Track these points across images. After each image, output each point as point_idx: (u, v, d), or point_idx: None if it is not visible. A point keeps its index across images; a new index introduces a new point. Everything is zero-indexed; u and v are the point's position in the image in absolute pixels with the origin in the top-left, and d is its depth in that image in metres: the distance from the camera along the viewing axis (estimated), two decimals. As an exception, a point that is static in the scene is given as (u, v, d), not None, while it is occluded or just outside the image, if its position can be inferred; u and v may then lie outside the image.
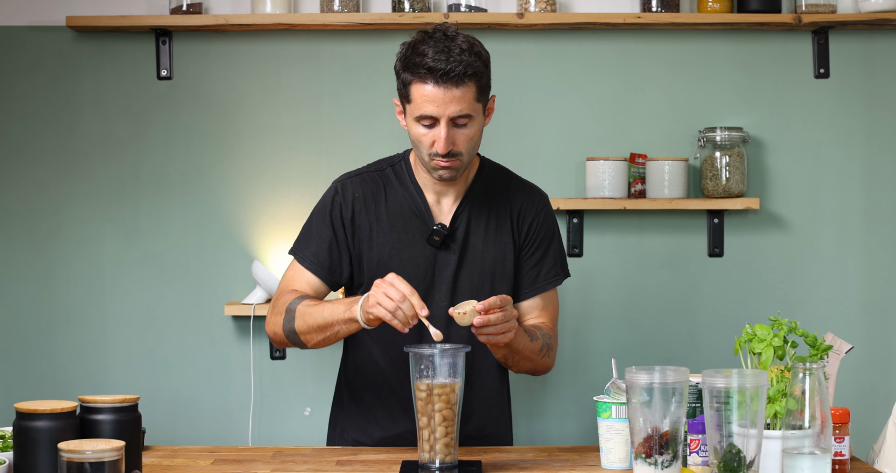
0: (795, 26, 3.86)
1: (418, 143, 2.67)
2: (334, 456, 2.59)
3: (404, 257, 2.75)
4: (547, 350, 2.80)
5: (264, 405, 3.93)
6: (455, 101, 2.59)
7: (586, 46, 3.94)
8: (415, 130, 2.66)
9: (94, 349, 3.92)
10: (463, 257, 2.77)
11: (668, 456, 2.19)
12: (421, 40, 2.63)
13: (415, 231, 2.76)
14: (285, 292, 2.79)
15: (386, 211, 2.78)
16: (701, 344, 3.97)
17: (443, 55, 2.58)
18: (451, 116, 2.60)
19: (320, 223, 2.81)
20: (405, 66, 2.63)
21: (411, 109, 2.64)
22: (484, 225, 2.80)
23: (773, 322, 2.30)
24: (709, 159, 3.84)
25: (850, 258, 3.96)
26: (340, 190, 2.81)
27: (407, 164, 2.83)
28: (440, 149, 2.62)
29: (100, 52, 3.91)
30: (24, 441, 2.18)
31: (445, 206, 2.80)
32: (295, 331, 2.70)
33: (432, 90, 2.59)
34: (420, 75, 2.59)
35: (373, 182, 2.82)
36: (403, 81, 2.64)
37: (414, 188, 2.79)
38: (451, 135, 2.62)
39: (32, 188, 3.92)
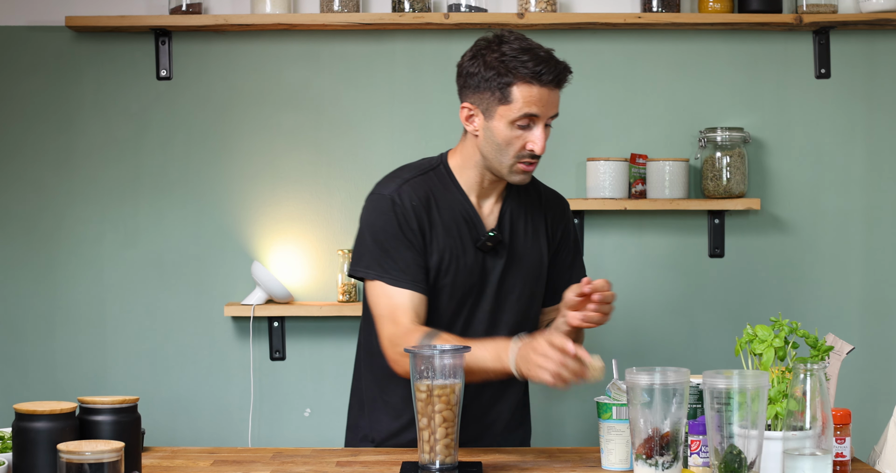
0: (796, 26, 3.86)
1: (507, 145, 2.66)
2: (334, 457, 2.59)
3: (460, 264, 2.73)
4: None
5: (264, 405, 3.93)
6: (555, 102, 2.67)
7: (587, 47, 3.94)
8: (507, 132, 2.65)
9: (94, 350, 3.92)
10: (509, 260, 2.78)
11: (669, 457, 2.18)
12: (502, 43, 2.65)
13: (466, 237, 2.74)
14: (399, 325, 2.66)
15: (439, 217, 2.73)
16: (701, 345, 3.96)
17: (540, 58, 2.63)
18: (549, 117, 2.67)
19: (392, 239, 2.69)
20: (506, 68, 2.62)
21: (508, 110, 2.63)
22: (522, 228, 2.82)
23: (774, 323, 2.30)
24: (709, 160, 3.84)
25: (851, 259, 3.96)
26: (399, 200, 2.71)
27: (447, 167, 2.79)
28: (538, 149, 2.65)
29: (99, 53, 3.90)
30: (23, 441, 2.17)
31: (487, 209, 2.79)
32: None
33: (539, 92, 2.63)
34: (526, 78, 2.62)
35: (421, 188, 2.74)
36: (501, 84, 2.62)
37: (460, 194, 2.76)
38: (545, 135, 2.67)
39: (31, 188, 3.91)
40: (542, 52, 2.65)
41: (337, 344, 3.92)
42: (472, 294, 2.74)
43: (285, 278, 3.89)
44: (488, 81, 2.64)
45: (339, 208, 3.93)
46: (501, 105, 2.64)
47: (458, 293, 2.74)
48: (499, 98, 2.64)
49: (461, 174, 2.77)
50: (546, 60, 2.63)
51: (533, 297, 2.82)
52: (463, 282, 2.72)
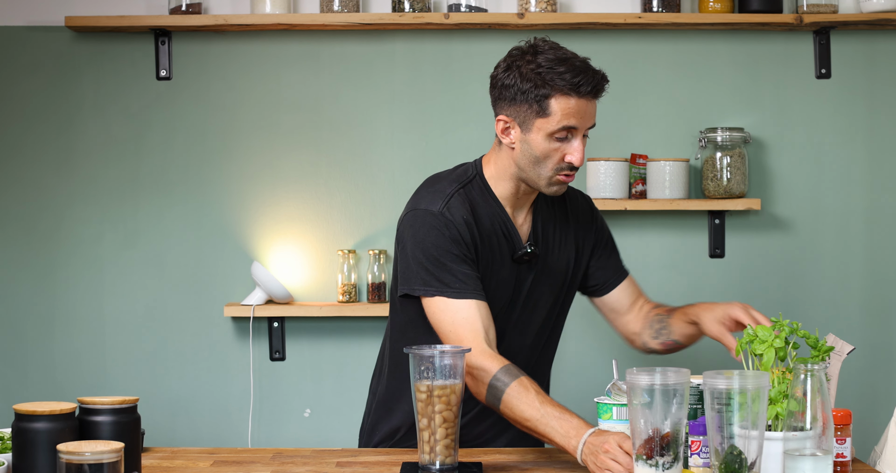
0: (797, 26, 3.85)
1: (546, 158, 2.62)
2: (334, 458, 2.59)
3: (499, 278, 2.71)
4: None
5: (264, 406, 3.92)
6: (593, 113, 2.62)
7: (587, 47, 3.92)
8: (545, 144, 2.61)
9: (93, 351, 3.92)
10: (540, 270, 2.76)
11: (669, 458, 2.18)
12: (537, 53, 2.61)
13: (504, 250, 2.72)
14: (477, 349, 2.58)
15: (480, 231, 2.69)
16: (702, 345, 3.95)
17: (576, 69, 2.58)
18: (587, 128, 2.63)
19: (447, 254, 2.63)
20: (539, 82, 2.58)
21: (547, 122, 2.59)
22: (551, 235, 2.79)
23: (775, 323, 2.29)
24: (710, 160, 3.84)
25: (852, 259, 3.95)
26: (450, 216, 2.65)
27: (483, 179, 2.74)
28: (577, 161, 2.61)
29: (99, 53, 3.90)
30: (22, 442, 2.17)
31: (520, 220, 2.76)
32: (499, 409, 2.56)
33: (577, 103, 2.58)
34: (564, 90, 2.56)
35: (465, 202, 2.69)
36: (538, 96, 2.58)
37: (497, 206, 2.73)
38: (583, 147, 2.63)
39: (31, 189, 3.91)
40: (577, 61, 2.60)
41: (337, 345, 3.92)
42: (505, 307, 2.72)
43: (285, 279, 3.89)
44: (525, 94, 2.59)
45: (339, 209, 3.93)
46: (539, 118, 2.59)
47: (496, 306, 2.70)
48: (536, 111, 2.59)
49: (496, 185, 2.73)
50: (584, 70, 2.58)
51: (556, 304, 2.82)
52: (499, 296, 2.70)
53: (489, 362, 2.54)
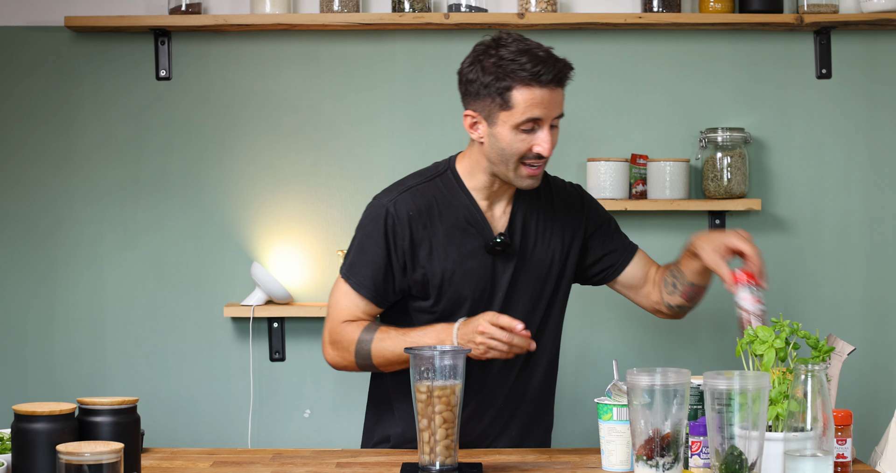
0: (797, 26, 3.85)
1: (512, 150, 2.63)
2: (334, 458, 2.59)
3: (466, 268, 2.72)
4: None
5: (264, 406, 3.92)
6: (557, 102, 2.62)
7: (587, 47, 3.93)
8: (511, 137, 2.62)
9: (93, 351, 3.91)
10: (520, 262, 2.76)
11: (670, 459, 2.18)
12: (499, 47, 2.61)
13: (473, 241, 2.73)
14: (340, 322, 2.74)
15: (442, 225, 2.72)
16: (702, 345, 3.96)
17: (539, 59, 2.59)
18: (553, 118, 2.62)
19: (373, 246, 2.72)
20: (504, 73, 2.58)
21: (510, 115, 2.60)
22: (534, 227, 2.80)
23: (775, 324, 2.29)
24: (710, 160, 3.83)
25: (853, 260, 3.95)
26: (393, 210, 2.71)
27: (455, 173, 2.77)
28: (545, 151, 2.61)
29: (98, 53, 3.90)
30: (22, 443, 2.17)
31: (498, 212, 2.78)
32: (374, 366, 2.70)
33: (541, 93, 2.58)
34: (524, 81, 2.57)
35: (423, 196, 2.73)
36: (500, 88, 2.59)
37: (468, 198, 2.75)
38: (551, 137, 2.63)
39: (31, 189, 3.91)
40: (541, 51, 2.60)
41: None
42: (482, 299, 2.74)
43: (285, 279, 3.89)
44: (487, 87, 2.60)
45: (339, 209, 3.92)
46: (503, 111, 2.60)
47: (469, 297, 2.73)
48: (500, 104, 2.60)
49: (469, 179, 2.75)
50: (544, 59, 2.59)
51: (541, 296, 2.81)
52: (472, 287, 2.72)
53: (348, 330, 2.70)
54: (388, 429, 2.85)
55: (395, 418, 2.83)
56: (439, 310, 2.74)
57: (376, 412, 2.90)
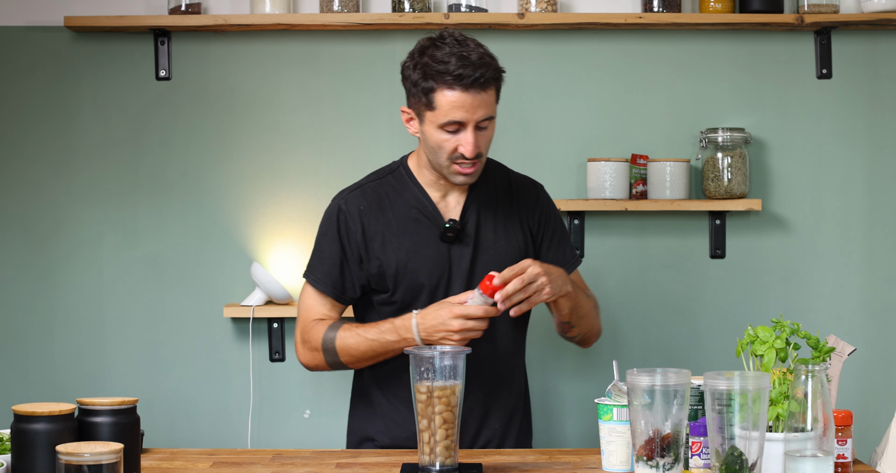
0: (798, 26, 3.85)
1: (439, 149, 2.69)
2: (334, 459, 2.58)
3: (421, 257, 2.78)
4: (597, 311, 2.92)
5: (263, 407, 3.92)
6: (482, 105, 2.65)
7: (587, 47, 3.93)
8: (437, 136, 2.68)
9: (93, 351, 3.91)
10: (476, 249, 2.81)
11: (670, 459, 2.18)
12: (433, 47, 2.67)
13: (426, 231, 2.79)
14: (309, 322, 2.83)
15: (394, 217, 2.80)
16: (703, 346, 3.95)
17: (466, 61, 2.62)
18: (478, 121, 2.65)
19: (329, 244, 2.83)
20: (426, 74, 2.65)
21: (434, 115, 2.66)
22: (492, 216, 2.84)
23: (776, 324, 2.29)
24: (710, 160, 3.83)
25: (853, 260, 3.95)
26: (344, 207, 2.83)
27: (406, 168, 2.86)
28: (469, 153, 2.66)
29: (98, 53, 3.90)
30: (21, 443, 2.17)
31: (452, 202, 2.83)
32: (341, 363, 2.79)
33: (461, 96, 2.63)
34: (447, 82, 2.62)
35: (374, 192, 2.84)
36: (425, 89, 2.65)
37: (418, 190, 2.82)
38: (476, 139, 2.67)
39: (30, 189, 3.91)
40: (473, 55, 2.64)
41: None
42: (440, 286, 2.79)
43: (285, 280, 3.88)
44: (416, 86, 2.68)
45: (339, 209, 3.92)
46: (428, 111, 2.67)
47: (426, 285, 2.79)
48: (425, 104, 2.67)
49: (421, 174, 2.83)
50: (471, 63, 2.62)
51: None
52: (428, 273, 2.78)
53: (315, 328, 2.79)
54: (370, 428, 2.89)
55: (376, 414, 2.87)
56: (398, 299, 2.80)
57: (356, 410, 2.95)
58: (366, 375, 2.90)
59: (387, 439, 2.85)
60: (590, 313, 2.88)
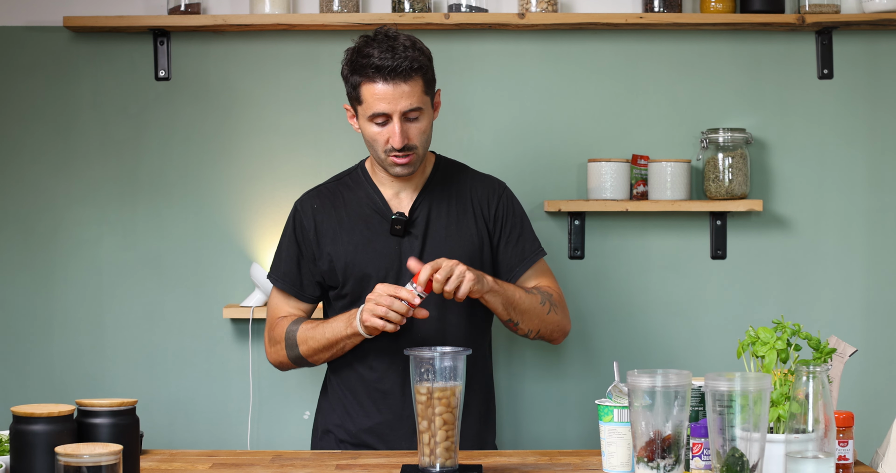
0: (799, 27, 3.84)
1: (373, 142, 2.80)
2: (334, 460, 2.58)
3: (370, 250, 2.87)
4: (550, 305, 2.91)
5: (263, 408, 3.91)
6: (405, 96, 2.73)
7: (588, 47, 3.92)
8: (369, 129, 2.79)
9: (92, 352, 3.91)
10: (425, 242, 2.88)
11: (671, 460, 2.17)
12: (364, 44, 2.76)
13: (377, 226, 2.88)
14: (275, 319, 2.95)
15: (346, 213, 2.91)
16: (703, 347, 3.95)
17: (388, 53, 2.71)
18: (403, 111, 2.73)
19: (287, 243, 2.96)
20: (353, 69, 2.75)
21: (363, 109, 2.76)
22: (445, 212, 2.91)
23: (777, 325, 2.29)
24: (711, 161, 3.83)
25: (854, 261, 3.94)
26: (300, 207, 2.96)
27: (363, 169, 2.98)
28: (396, 144, 2.75)
29: (97, 53, 3.89)
30: (20, 444, 2.17)
31: (405, 199, 2.91)
32: (301, 357, 2.87)
33: (382, 88, 2.72)
34: (369, 75, 2.72)
35: (330, 192, 2.97)
36: (353, 83, 2.76)
37: (371, 188, 2.92)
38: (404, 129, 2.75)
39: (29, 189, 3.90)
40: (397, 47, 2.71)
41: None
42: (388, 278, 2.86)
43: (285, 280, 3.88)
44: (347, 82, 2.79)
45: (339, 210, 3.91)
46: (359, 105, 2.77)
47: (374, 276, 2.86)
48: (355, 98, 2.77)
49: (374, 172, 2.94)
50: (389, 56, 2.70)
51: None
52: (377, 265, 2.86)
53: (279, 324, 2.90)
54: (329, 421, 2.97)
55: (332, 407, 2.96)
56: (348, 292, 2.89)
57: (320, 404, 3.05)
58: (327, 367, 3.01)
59: (342, 432, 2.92)
60: (533, 308, 2.88)
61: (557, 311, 2.94)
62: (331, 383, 2.98)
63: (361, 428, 2.88)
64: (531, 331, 2.92)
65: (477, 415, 2.94)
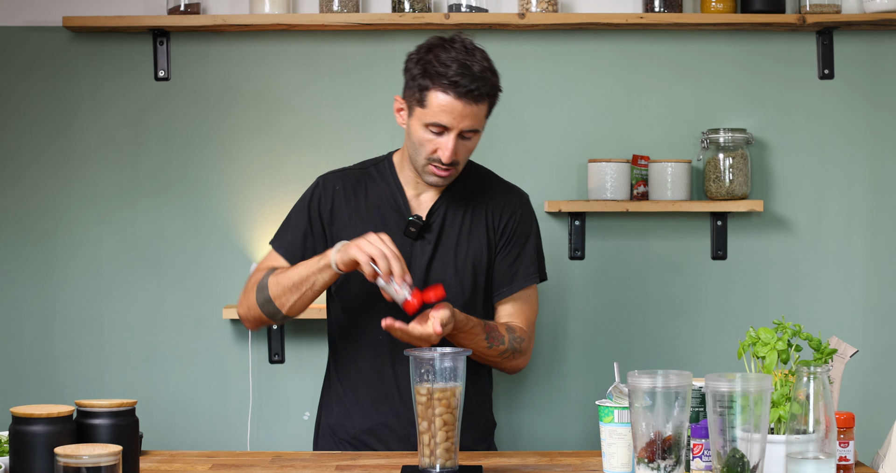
0: (799, 27, 3.84)
1: (419, 146, 2.73)
2: (334, 461, 2.58)
3: None
4: (512, 354, 2.84)
5: (263, 409, 3.91)
6: (471, 116, 2.68)
7: (588, 47, 3.92)
8: (420, 133, 2.72)
9: (91, 353, 3.90)
10: (437, 249, 2.84)
11: (671, 461, 2.17)
12: (441, 47, 2.70)
13: (392, 223, 2.83)
14: (257, 272, 2.88)
15: (365, 203, 2.86)
16: (704, 348, 3.94)
17: (467, 70, 2.66)
18: (463, 129, 2.69)
19: (298, 214, 2.90)
20: (424, 72, 2.69)
21: (422, 113, 2.70)
22: (460, 220, 2.87)
23: (777, 326, 2.28)
24: (712, 161, 3.82)
25: (855, 261, 3.94)
26: (322, 184, 2.91)
27: (390, 163, 2.92)
28: (445, 158, 2.70)
29: (97, 53, 3.89)
30: (20, 445, 2.17)
31: (424, 201, 2.87)
32: (270, 299, 2.78)
33: (452, 102, 2.66)
34: (442, 86, 2.66)
35: (354, 178, 2.91)
36: (421, 86, 2.69)
37: (395, 184, 2.88)
38: (456, 146, 2.70)
39: (29, 190, 3.90)
40: (476, 66, 2.67)
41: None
42: None
43: (285, 280, 3.87)
44: (414, 80, 2.72)
45: (339, 210, 3.91)
46: (418, 107, 2.71)
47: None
48: (417, 99, 2.71)
49: (401, 169, 2.89)
50: (471, 74, 2.66)
51: (464, 290, 2.85)
52: None
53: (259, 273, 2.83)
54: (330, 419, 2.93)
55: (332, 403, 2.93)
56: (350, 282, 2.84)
57: (322, 401, 3.01)
58: (330, 364, 2.97)
59: (343, 432, 2.89)
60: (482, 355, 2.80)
61: (518, 357, 2.86)
62: (332, 382, 2.96)
63: (361, 429, 2.86)
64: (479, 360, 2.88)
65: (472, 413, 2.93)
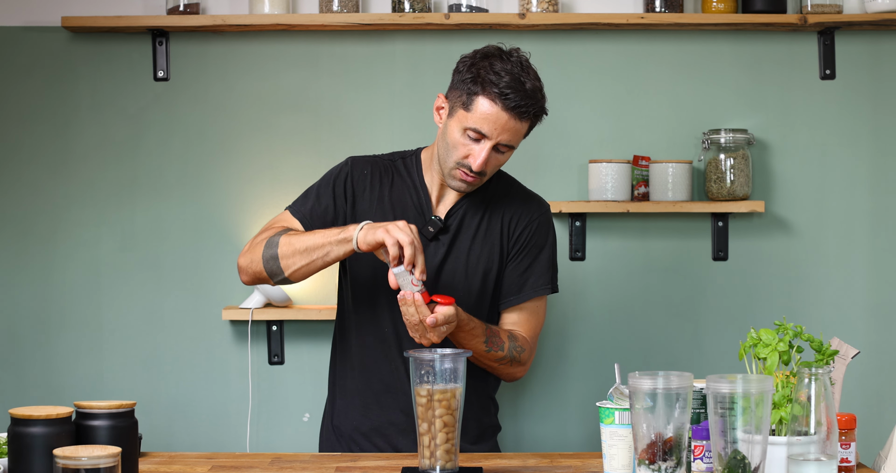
0: (801, 27, 3.83)
1: (453, 148, 2.75)
2: (333, 462, 2.58)
3: None
4: (510, 362, 2.85)
5: (262, 410, 3.90)
6: (511, 131, 2.71)
7: (589, 47, 3.91)
8: (456, 136, 2.74)
9: (90, 354, 3.90)
10: (450, 251, 2.85)
11: (672, 463, 2.16)
12: (497, 57, 2.73)
13: (411, 220, 2.82)
14: (268, 229, 2.83)
15: (389, 195, 2.87)
16: (705, 349, 3.94)
17: (519, 85, 2.68)
18: (500, 142, 2.71)
19: (324, 188, 2.88)
20: (477, 77, 2.70)
21: (464, 116, 2.71)
22: (476, 224, 2.88)
23: (779, 327, 2.28)
24: (713, 162, 3.82)
25: (857, 262, 3.93)
26: (351, 164, 2.91)
27: (418, 160, 2.93)
28: (475, 166, 2.72)
29: (96, 53, 3.88)
30: (18, 447, 2.17)
31: (445, 202, 2.88)
32: (276, 257, 2.73)
33: (498, 113, 2.68)
34: (492, 95, 2.68)
35: (383, 167, 2.91)
36: (470, 90, 2.71)
37: (419, 182, 2.88)
38: (489, 157, 2.73)
39: (28, 190, 3.89)
40: (527, 83, 2.70)
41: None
42: None
43: (284, 281, 3.87)
44: (463, 83, 2.72)
45: (339, 211, 3.91)
46: (462, 109, 2.71)
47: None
48: (463, 102, 2.71)
49: (428, 167, 2.90)
50: (521, 89, 2.68)
51: (472, 294, 2.87)
52: None
53: (273, 230, 2.80)
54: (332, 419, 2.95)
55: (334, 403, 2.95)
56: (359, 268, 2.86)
57: (327, 401, 3.01)
58: (330, 365, 2.97)
59: (344, 432, 2.91)
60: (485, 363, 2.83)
61: (516, 366, 2.87)
62: (334, 381, 2.97)
63: (361, 429, 2.87)
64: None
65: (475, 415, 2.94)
